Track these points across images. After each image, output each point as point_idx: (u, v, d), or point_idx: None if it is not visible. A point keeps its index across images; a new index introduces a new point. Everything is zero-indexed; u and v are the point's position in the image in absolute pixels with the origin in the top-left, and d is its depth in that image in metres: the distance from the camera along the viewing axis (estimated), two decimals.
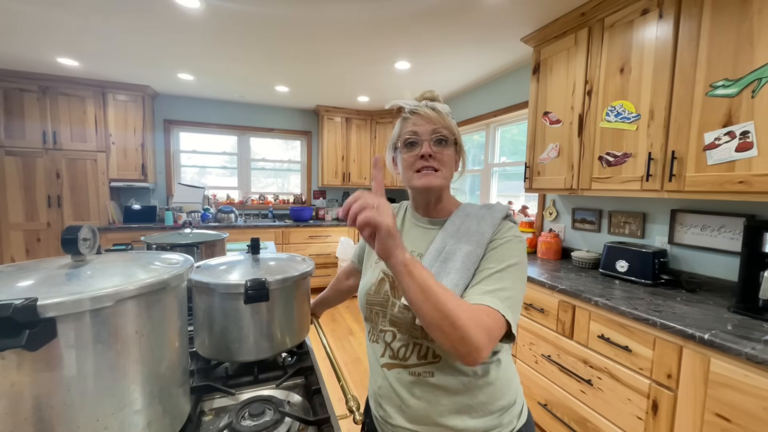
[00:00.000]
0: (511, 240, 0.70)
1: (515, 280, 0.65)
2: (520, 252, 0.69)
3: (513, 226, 0.73)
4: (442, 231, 0.74)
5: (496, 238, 0.70)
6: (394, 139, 0.79)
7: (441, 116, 0.74)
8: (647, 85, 1.59)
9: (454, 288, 0.65)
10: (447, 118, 0.75)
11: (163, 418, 0.58)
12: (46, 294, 0.44)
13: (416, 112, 0.74)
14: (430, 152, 0.72)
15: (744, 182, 1.27)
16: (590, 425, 1.53)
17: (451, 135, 0.74)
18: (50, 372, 0.44)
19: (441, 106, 0.75)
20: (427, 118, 0.73)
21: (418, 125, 0.73)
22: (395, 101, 0.78)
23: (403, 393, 0.70)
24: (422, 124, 0.73)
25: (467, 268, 0.67)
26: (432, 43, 2.47)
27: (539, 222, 2.69)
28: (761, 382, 1.01)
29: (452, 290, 0.63)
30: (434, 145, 0.73)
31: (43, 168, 3.36)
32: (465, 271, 0.66)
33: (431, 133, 0.73)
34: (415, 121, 0.74)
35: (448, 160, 0.74)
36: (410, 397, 0.70)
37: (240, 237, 3.80)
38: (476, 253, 0.68)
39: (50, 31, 2.41)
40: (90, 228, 0.61)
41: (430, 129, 0.73)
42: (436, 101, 0.77)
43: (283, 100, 4.24)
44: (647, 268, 1.71)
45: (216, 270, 0.89)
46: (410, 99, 0.78)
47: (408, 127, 0.75)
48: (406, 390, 0.70)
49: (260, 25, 2.27)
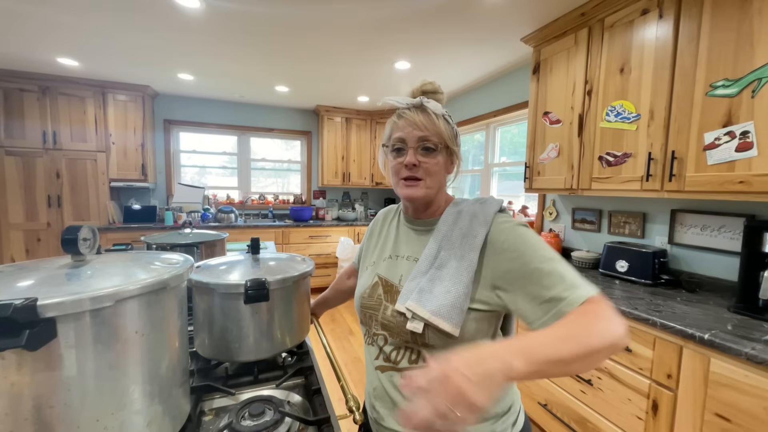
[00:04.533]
0: (516, 238, 0.63)
1: (555, 262, 0.59)
2: (528, 238, 0.63)
3: (506, 218, 0.68)
4: (436, 233, 0.72)
5: (497, 244, 0.64)
6: (385, 140, 0.76)
7: (431, 120, 0.69)
8: (647, 85, 1.59)
9: (446, 294, 0.63)
10: (438, 122, 0.69)
11: (163, 418, 0.58)
12: (46, 294, 0.44)
13: (403, 116, 0.70)
14: (414, 162, 0.69)
15: (744, 182, 1.27)
16: (590, 425, 1.53)
17: (441, 142, 0.69)
18: (50, 372, 0.44)
19: (434, 107, 0.70)
20: (414, 123, 0.69)
21: (405, 131, 0.69)
22: (387, 99, 0.74)
23: (396, 396, 0.70)
24: (409, 131, 0.69)
25: (460, 273, 0.64)
26: (432, 43, 2.47)
27: (539, 222, 2.69)
28: (761, 382, 1.01)
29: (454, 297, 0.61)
30: (420, 153, 0.69)
31: (43, 168, 3.36)
32: (458, 276, 0.64)
33: (417, 140, 0.69)
34: (403, 126, 0.70)
35: (435, 169, 0.70)
36: (402, 400, 0.69)
37: (240, 237, 3.80)
38: (470, 258, 0.65)
39: (50, 31, 2.41)
40: (90, 228, 0.61)
41: (417, 137, 0.69)
42: (436, 95, 0.73)
43: (283, 100, 4.24)
44: (647, 268, 1.71)
45: (216, 270, 0.89)
46: (407, 94, 0.74)
47: (396, 131, 0.71)
48: (398, 393, 0.70)
49: (260, 25, 2.27)
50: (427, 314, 0.62)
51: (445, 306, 0.62)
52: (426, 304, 0.63)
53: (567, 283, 0.56)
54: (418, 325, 0.63)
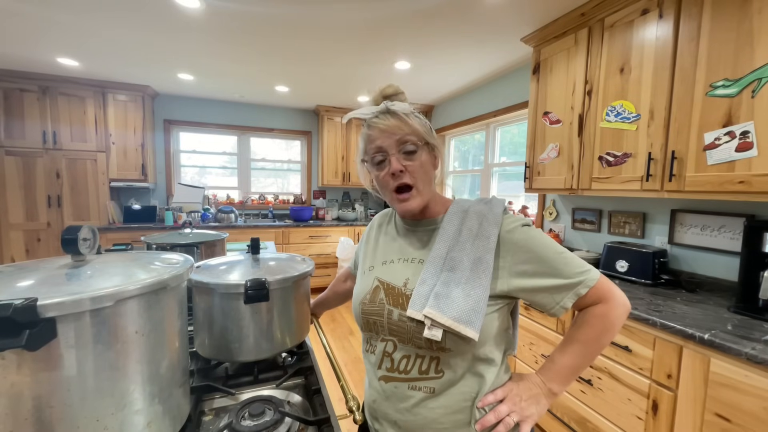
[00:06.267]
0: (528, 239, 0.65)
1: (564, 253, 0.65)
2: (537, 236, 0.66)
3: (513, 218, 0.69)
4: (442, 234, 0.69)
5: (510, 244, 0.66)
6: (362, 155, 0.73)
7: (403, 121, 0.67)
8: (647, 85, 1.59)
9: (466, 298, 0.61)
10: (410, 120, 0.67)
11: (163, 418, 0.58)
12: (46, 294, 0.44)
13: (375, 125, 0.68)
14: (399, 167, 0.66)
15: (744, 182, 1.27)
16: (590, 425, 1.53)
17: (420, 140, 0.68)
18: (50, 372, 0.44)
19: (401, 107, 0.68)
20: (388, 129, 0.66)
21: (380, 139, 0.67)
22: (351, 114, 0.72)
23: (400, 408, 0.67)
24: (385, 137, 0.67)
25: (478, 276, 0.63)
26: (432, 43, 2.47)
27: (539, 222, 2.69)
28: (761, 382, 1.01)
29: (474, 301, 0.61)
30: (403, 157, 0.67)
31: (43, 168, 3.36)
32: (476, 278, 0.63)
33: (397, 145, 0.67)
34: (377, 135, 0.67)
35: (421, 169, 0.68)
36: (407, 413, 0.66)
37: (240, 237, 3.80)
38: (486, 260, 0.64)
39: (50, 31, 2.41)
40: (90, 228, 0.61)
41: (394, 141, 0.66)
42: (398, 96, 0.70)
43: (283, 100, 4.24)
44: (647, 268, 1.71)
45: (216, 270, 0.89)
46: (368, 102, 0.71)
47: (371, 142, 0.69)
48: (403, 405, 0.67)
49: (260, 25, 2.27)
50: (449, 321, 0.60)
51: (466, 311, 0.60)
52: (446, 310, 0.60)
53: (578, 269, 0.64)
54: (437, 332, 0.60)
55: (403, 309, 0.66)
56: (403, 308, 0.66)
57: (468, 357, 0.64)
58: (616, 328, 0.65)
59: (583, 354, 0.65)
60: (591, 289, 0.63)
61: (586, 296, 0.63)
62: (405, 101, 0.71)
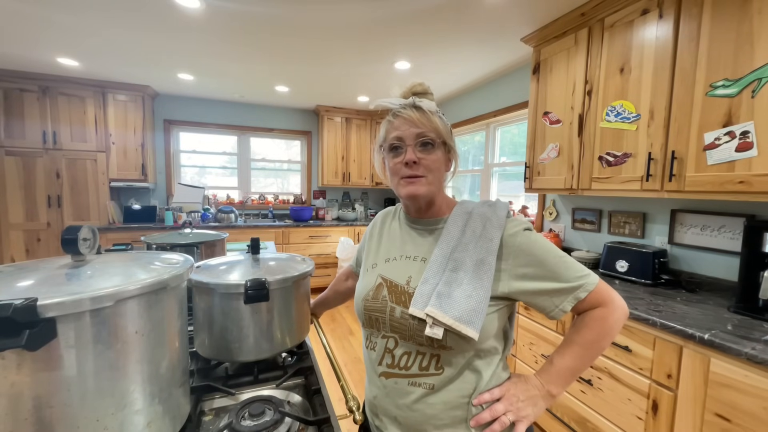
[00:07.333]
0: (530, 243, 0.67)
1: (564, 258, 0.66)
2: (539, 240, 0.67)
3: (516, 222, 0.70)
4: (445, 234, 0.71)
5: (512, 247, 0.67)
6: (381, 141, 0.76)
7: (427, 117, 0.70)
8: (647, 85, 1.59)
9: (468, 299, 0.62)
10: (433, 118, 0.70)
11: (163, 418, 0.58)
12: (46, 294, 0.44)
13: (399, 114, 0.71)
14: (414, 158, 0.69)
15: (744, 182, 1.27)
16: (590, 425, 1.53)
17: (438, 137, 0.70)
18: (50, 372, 0.44)
19: (428, 105, 0.71)
20: (410, 121, 0.69)
21: (402, 129, 0.70)
22: (380, 101, 0.74)
23: (400, 404, 0.68)
24: (406, 128, 0.70)
25: (480, 277, 0.64)
26: (432, 43, 2.47)
27: (539, 222, 2.69)
28: (761, 382, 1.01)
29: (476, 302, 0.62)
30: (419, 149, 0.69)
31: (43, 168, 3.36)
32: (478, 279, 0.64)
33: (416, 137, 0.69)
34: (399, 125, 0.70)
35: (435, 165, 0.70)
36: (407, 409, 0.68)
37: (240, 237, 3.80)
38: (489, 261, 0.65)
39: (50, 31, 2.41)
40: (90, 228, 0.61)
41: (415, 133, 0.69)
42: (426, 95, 0.73)
43: (283, 100, 4.24)
44: (647, 268, 1.71)
45: (216, 270, 0.89)
46: (398, 95, 0.74)
47: (392, 131, 0.72)
48: (403, 401, 0.68)
49: (260, 25, 2.27)
50: (450, 321, 0.61)
51: (467, 311, 0.61)
52: (447, 310, 0.62)
53: (577, 273, 0.65)
54: (438, 331, 0.62)
55: (405, 306, 0.67)
56: (406, 306, 0.67)
57: (467, 355, 0.66)
58: (615, 331, 0.66)
59: (581, 356, 0.67)
60: (590, 293, 0.64)
61: (585, 300, 0.65)
62: (432, 101, 0.74)
